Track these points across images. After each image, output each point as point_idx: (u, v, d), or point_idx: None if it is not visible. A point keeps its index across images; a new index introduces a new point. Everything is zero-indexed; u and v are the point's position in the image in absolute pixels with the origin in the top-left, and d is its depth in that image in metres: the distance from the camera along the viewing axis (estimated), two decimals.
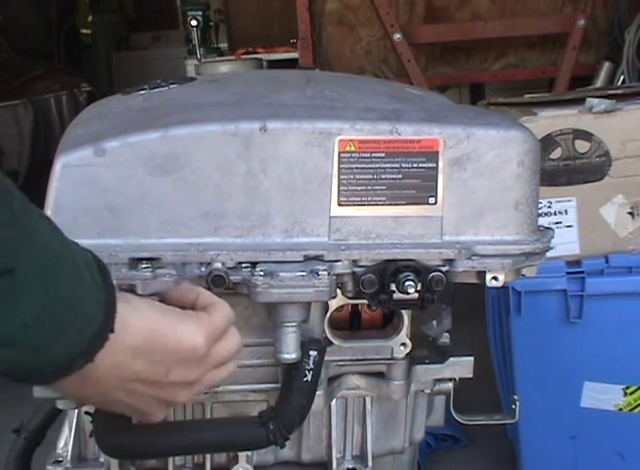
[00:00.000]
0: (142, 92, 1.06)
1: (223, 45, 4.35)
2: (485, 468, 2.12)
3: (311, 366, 1.00)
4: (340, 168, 0.93)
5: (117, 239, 0.91)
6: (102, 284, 0.66)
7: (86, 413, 1.07)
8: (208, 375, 0.75)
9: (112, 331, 0.64)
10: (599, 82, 3.11)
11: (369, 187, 0.94)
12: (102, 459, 1.10)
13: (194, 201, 0.91)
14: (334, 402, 1.13)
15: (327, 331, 1.05)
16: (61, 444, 1.10)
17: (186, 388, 0.73)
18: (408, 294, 0.93)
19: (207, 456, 1.14)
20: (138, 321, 0.68)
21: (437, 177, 0.94)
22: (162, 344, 0.69)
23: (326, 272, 0.91)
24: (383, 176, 0.94)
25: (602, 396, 1.74)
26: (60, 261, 0.63)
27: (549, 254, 1.00)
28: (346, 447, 1.18)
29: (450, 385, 1.16)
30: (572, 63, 3.09)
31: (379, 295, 0.94)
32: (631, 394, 1.74)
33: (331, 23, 3.26)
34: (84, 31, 5.88)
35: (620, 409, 1.75)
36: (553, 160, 1.63)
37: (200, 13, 3.96)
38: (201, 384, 0.75)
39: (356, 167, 0.93)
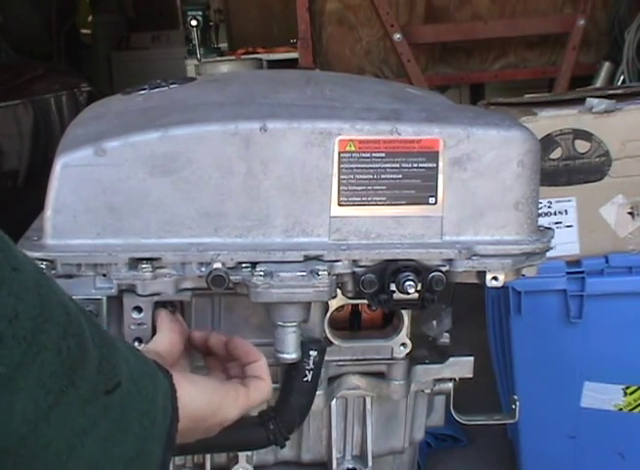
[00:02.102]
0: (142, 92, 1.06)
1: (223, 45, 4.34)
2: (485, 468, 2.12)
3: (311, 366, 1.00)
4: (340, 168, 0.93)
5: (117, 239, 0.91)
6: (163, 376, 0.70)
7: None
8: None
9: (177, 420, 0.70)
10: (599, 82, 3.11)
11: (369, 187, 0.94)
12: None
13: (194, 201, 0.91)
14: (334, 402, 1.13)
15: (327, 331, 1.05)
16: None
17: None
18: (408, 294, 0.93)
19: (207, 456, 1.14)
20: (188, 409, 0.73)
21: (437, 177, 0.94)
22: (202, 424, 0.76)
23: (326, 272, 0.91)
24: (383, 176, 0.94)
25: (602, 396, 1.74)
26: (135, 365, 0.66)
27: (549, 254, 1.00)
28: (346, 447, 1.18)
29: (450, 385, 1.16)
30: (572, 63, 3.09)
31: (379, 295, 0.94)
32: (631, 394, 1.74)
33: (331, 23, 3.26)
34: (84, 31, 5.87)
35: (620, 409, 1.75)
36: (553, 160, 1.63)
37: (200, 13, 3.96)
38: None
39: (356, 167, 0.93)
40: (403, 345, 1.08)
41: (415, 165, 0.94)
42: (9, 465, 0.53)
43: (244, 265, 0.91)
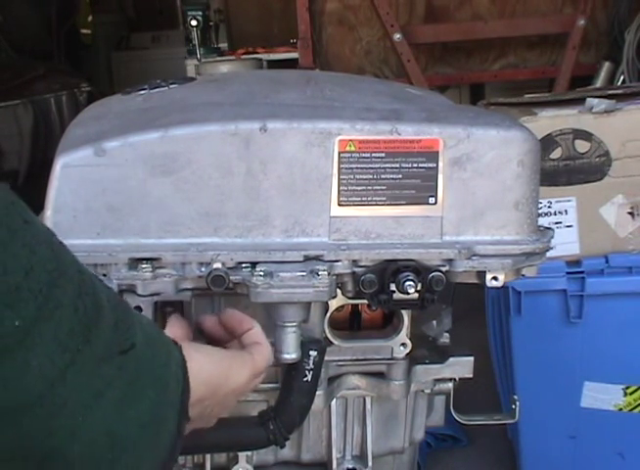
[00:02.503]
0: (142, 92, 1.06)
1: (223, 45, 4.34)
2: (485, 468, 2.12)
3: (311, 366, 1.00)
4: (340, 168, 0.93)
5: (117, 239, 0.91)
6: (175, 349, 0.69)
7: None
8: None
9: (189, 390, 0.69)
10: (599, 82, 3.11)
11: (369, 187, 0.94)
12: None
13: (194, 201, 0.91)
14: (334, 402, 1.13)
15: (327, 331, 1.05)
16: None
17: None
18: (408, 294, 0.93)
19: (207, 456, 1.14)
20: (200, 377, 0.72)
21: (437, 177, 0.94)
22: (217, 391, 0.75)
23: (326, 272, 0.91)
24: (383, 176, 0.94)
25: (602, 396, 1.74)
26: (149, 331, 0.65)
27: (549, 254, 1.00)
28: (346, 447, 1.18)
29: (450, 385, 1.16)
30: (572, 63, 3.09)
31: (379, 295, 0.94)
32: (631, 394, 1.74)
33: (331, 23, 3.26)
34: (84, 31, 5.87)
35: (620, 409, 1.75)
36: (553, 160, 1.63)
37: (200, 13, 3.96)
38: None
39: (356, 167, 0.93)
40: (403, 345, 1.08)
41: (415, 165, 0.94)
42: (25, 423, 0.53)
43: (244, 265, 0.92)
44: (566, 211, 1.66)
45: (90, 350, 0.55)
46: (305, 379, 1.01)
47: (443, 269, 0.94)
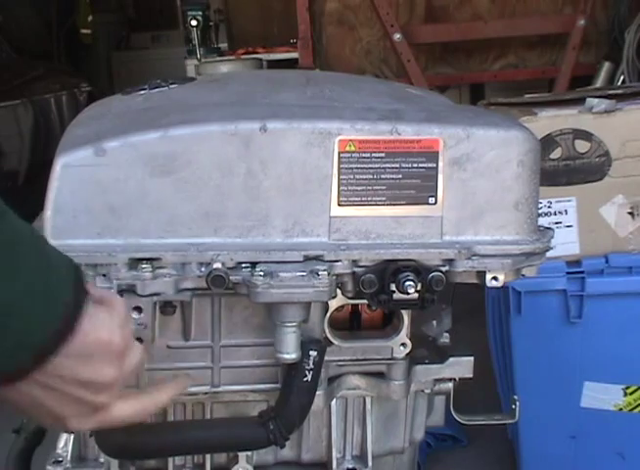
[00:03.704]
0: (142, 92, 1.06)
1: (223, 45, 4.34)
2: (485, 468, 2.12)
3: (311, 366, 1.00)
4: (340, 168, 0.93)
5: (117, 239, 0.91)
6: (73, 275, 0.65)
7: None
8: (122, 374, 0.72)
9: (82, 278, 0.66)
10: (599, 82, 3.11)
11: (369, 187, 0.94)
12: (102, 459, 1.10)
13: (194, 201, 0.91)
14: (334, 402, 1.13)
15: (327, 331, 1.05)
16: (61, 444, 1.10)
17: (106, 389, 0.70)
18: (408, 294, 0.93)
19: (207, 456, 1.14)
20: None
21: (437, 177, 0.94)
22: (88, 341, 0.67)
23: (326, 272, 0.91)
24: (383, 176, 0.94)
25: (602, 396, 1.74)
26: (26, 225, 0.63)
27: (549, 254, 1.00)
28: (346, 447, 1.18)
29: (450, 385, 1.16)
30: (572, 63, 3.09)
31: (379, 295, 0.94)
32: (631, 394, 1.74)
33: (331, 23, 3.26)
34: (84, 31, 5.87)
35: (620, 409, 1.75)
36: (553, 160, 1.63)
37: (200, 13, 3.96)
38: (118, 383, 0.71)
39: (356, 167, 0.93)
40: (403, 345, 1.08)
41: (415, 165, 0.94)
42: None
43: (244, 265, 0.91)
44: (566, 211, 1.66)
45: None
46: (305, 379, 1.01)
47: (443, 269, 0.94)
